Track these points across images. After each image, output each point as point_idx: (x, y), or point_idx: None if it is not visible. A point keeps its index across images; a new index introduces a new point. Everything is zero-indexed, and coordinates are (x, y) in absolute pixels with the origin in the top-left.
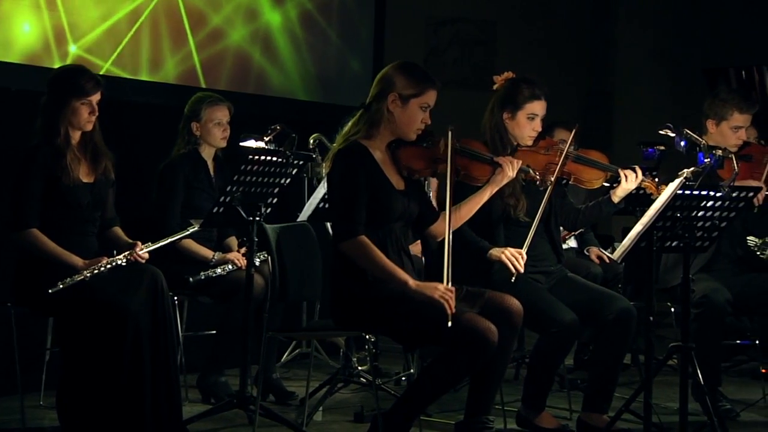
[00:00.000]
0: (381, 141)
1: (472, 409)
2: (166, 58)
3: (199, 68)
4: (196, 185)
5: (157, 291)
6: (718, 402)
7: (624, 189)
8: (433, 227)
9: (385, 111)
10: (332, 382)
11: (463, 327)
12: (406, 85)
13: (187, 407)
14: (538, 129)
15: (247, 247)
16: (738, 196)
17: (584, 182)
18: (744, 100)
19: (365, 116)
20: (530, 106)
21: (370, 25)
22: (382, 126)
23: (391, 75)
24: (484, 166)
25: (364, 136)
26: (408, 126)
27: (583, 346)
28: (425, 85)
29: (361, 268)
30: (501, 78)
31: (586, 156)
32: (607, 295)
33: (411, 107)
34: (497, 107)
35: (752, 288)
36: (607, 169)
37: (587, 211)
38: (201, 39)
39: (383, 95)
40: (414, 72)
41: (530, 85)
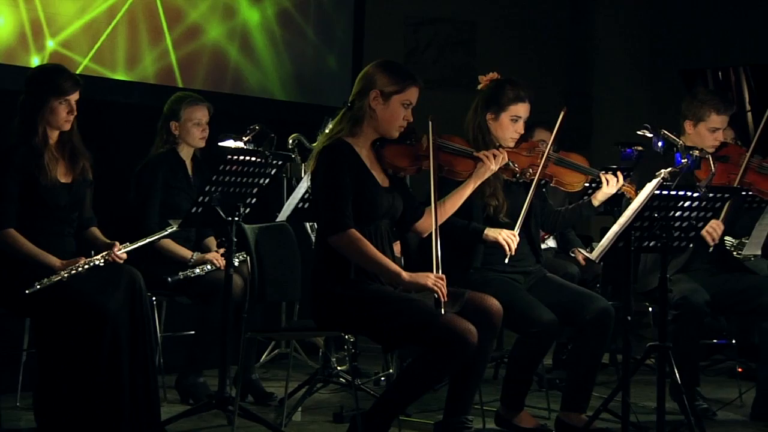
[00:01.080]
0: (365, 139)
1: (451, 408)
2: (144, 54)
3: (176, 66)
4: (174, 185)
5: (135, 291)
6: (695, 401)
7: (605, 193)
8: (419, 224)
9: (368, 108)
10: (311, 383)
11: (443, 327)
12: (387, 83)
13: (165, 408)
14: (520, 131)
15: (225, 247)
16: (715, 197)
17: (565, 185)
18: (722, 102)
19: (348, 114)
20: (514, 108)
21: (349, 25)
22: (365, 123)
23: (372, 73)
24: (467, 161)
25: (348, 134)
26: (390, 123)
27: (562, 346)
28: (406, 83)
29: (343, 267)
30: (486, 78)
31: (568, 159)
32: (585, 295)
33: (393, 104)
34: (481, 107)
35: (729, 288)
36: (588, 173)
37: (567, 214)
38: (178, 36)
39: (365, 93)
40: (395, 69)
41: (515, 87)
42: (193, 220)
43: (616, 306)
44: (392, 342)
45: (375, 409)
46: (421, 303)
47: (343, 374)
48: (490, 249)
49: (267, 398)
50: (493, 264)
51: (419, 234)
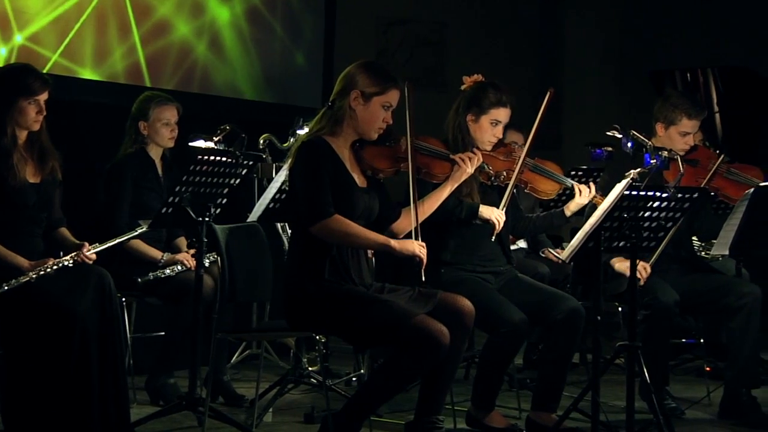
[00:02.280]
0: (344, 139)
1: (422, 409)
2: (112, 50)
3: (143, 63)
4: (144, 185)
5: (105, 292)
6: (664, 400)
7: (577, 204)
8: (395, 225)
9: (348, 108)
10: (282, 383)
11: (415, 329)
12: (368, 84)
13: (135, 409)
14: (498, 135)
15: (196, 247)
16: (683, 197)
17: (539, 192)
18: (693, 107)
19: (329, 113)
20: (495, 111)
21: (319, 25)
22: (345, 123)
23: (354, 73)
24: (444, 163)
25: (328, 133)
26: (369, 124)
27: (533, 346)
28: (388, 85)
29: (317, 266)
30: (470, 79)
31: (544, 167)
32: (556, 295)
33: (373, 105)
34: (462, 108)
35: (697, 288)
36: (562, 182)
37: (537, 221)
38: (146, 32)
39: (346, 92)
40: (377, 71)
41: (497, 91)
42: (164, 220)
43: (586, 306)
44: (364, 342)
45: (346, 410)
46: (394, 304)
47: (315, 375)
48: (460, 247)
49: (238, 399)
50: (464, 263)
51: (395, 235)
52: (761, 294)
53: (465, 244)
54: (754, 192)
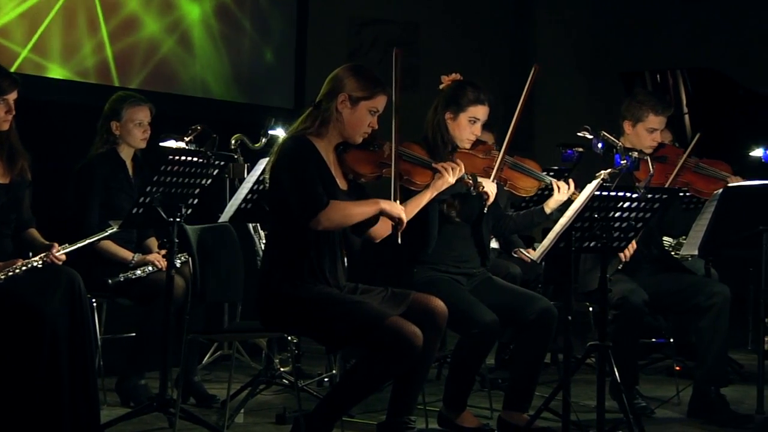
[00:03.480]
0: (328, 141)
1: (394, 409)
2: (81, 46)
3: (111, 59)
4: (114, 185)
5: (75, 293)
6: (634, 399)
7: (556, 200)
8: (373, 229)
9: (334, 111)
10: (254, 384)
11: (388, 330)
12: (356, 87)
13: (105, 411)
14: (477, 133)
15: (167, 248)
16: (653, 197)
17: (519, 189)
18: (659, 103)
19: (315, 113)
20: (473, 109)
21: (291, 25)
22: (331, 125)
23: (342, 76)
24: (425, 172)
25: (313, 133)
26: (355, 128)
27: (504, 346)
28: (376, 90)
29: (292, 267)
30: (448, 78)
31: (523, 164)
32: (527, 296)
33: (360, 110)
34: (441, 106)
35: (667, 288)
36: (541, 180)
37: (518, 219)
38: (114, 28)
39: (333, 95)
40: (366, 75)
41: (475, 89)
42: (134, 220)
43: (558, 306)
44: (337, 343)
45: (318, 411)
46: (367, 305)
47: (286, 375)
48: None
49: (209, 400)
50: (437, 263)
51: (373, 239)
52: (730, 294)
53: (439, 244)
54: (722, 192)
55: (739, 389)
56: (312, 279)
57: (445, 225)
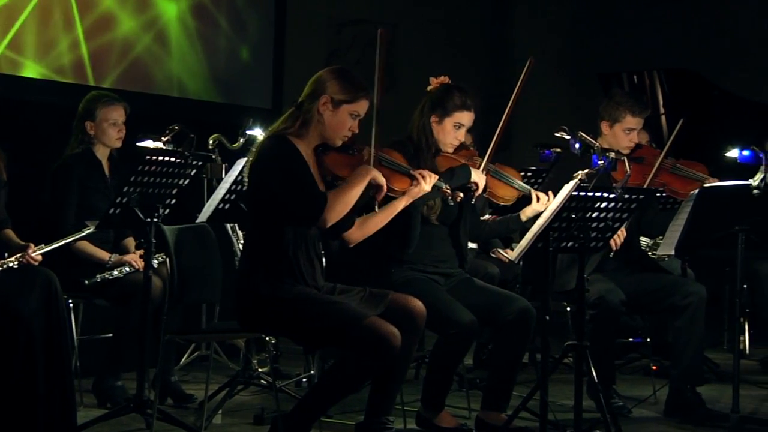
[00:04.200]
0: (308, 142)
1: (372, 409)
2: (56, 44)
3: (86, 57)
4: (90, 185)
5: (51, 294)
6: (611, 399)
7: (533, 210)
8: (348, 234)
9: (316, 113)
10: (232, 385)
11: (366, 331)
12: (338, 90)
13: (82, 412)
14: (461, 139)
15: (144, 248)
16: (630, 198)
17: (498, 198)
18: (636, 104)
19: (295, 114)
20: (459, 114)
21: (270, 25)
22: (311, 127)
23: (325, 78)
24: (404, 178)
25: (294, 133)
26: (335, 131)
27: (482, 346)
28: (358, 94)
29: (269, 267)
30: (436, 81)
31: (503, 172)
32: (505, 296)
33: (341, 113)
34: (427, 108)
35: (644, 287)
36: (521, 189)
37: (494, 225)
38: (89, 25)
39: (315, 96)
40: (348, 79)
41: (463, 95)
42: (111, 221)
43: (536, 306)
44: (315, 343)
45: (296, 411)
46: (345, 305)
47: (264, 376)
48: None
49: (187, 401)
50: (415, 263)
51: (347, 243)
52: (706, 293)
53: (417, 244)
54: (698, 193)
55: (715, 388)
56: (290, 279)
57: (423, 226)
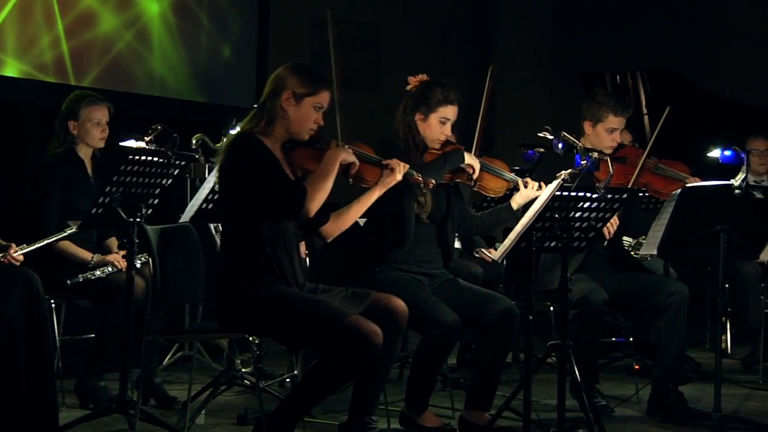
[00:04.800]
0: (276, 139)
1: (355, 409)
2: (38, 41)
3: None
4: (73, 185)
5: (33, 294)
6: (594, 398)
7: (523, 196)
8: (324, 228)
9: (280, 109)
10: (215, 385)
11: (348, 329)
12: (299, 84)
13: (64, 413)
14: (447, 134)
15: (127, 248)
16: (613, 198)
17: (488, 190)
18: (619, 104)
19: (259, 114)
20: (443, 109)
21: (253, 25)
22: (278, 124)
23: (284, 75)
24: (374, 168)
25: (260, 132)
26: (301, 125)
27: (466, 346)
28: (319, 86)
29: (249, 267)
30: (415, 79)
31: (492, 165)
32: (489, 296)
33: (304, 106)
34: (410, 107)
35: (626, 287)
36: (510, 180)
37: (485, 218)
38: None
39: (277, 93)
40: (307, 72)
41: (444, 89)
42: (94, 221)
43: (520, 306)
44: (297, 343)
45: (279, 411)
46: (327, 304)
47: (248, 376)
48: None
49: (170, 401)
50: (399, 263)
51: (323, 238)
52: (688, 293)
53: (414, 243)
54: (680, 193)
55: (697, 387)
56: (270, 278)
57: (418, 224)
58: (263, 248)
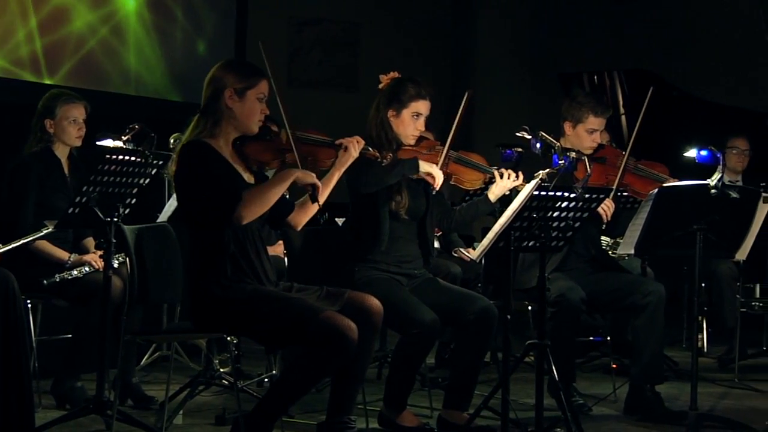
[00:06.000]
0: (225, 139)
1: (334, 409)
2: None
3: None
4: (49, 184)
5: (9, 294)
6: (571, 397)
7: (500, 187)
8: (290, 218)
9: (224, 108)
10: (193, 385)
11: (323, 325)
12: (238, 80)
13: (40, 414)
14: (421, 128)
15: (104, 248)
16: (590, 197)
17: (464, 182)
18: (599, 104)
19: (203, 118)
20: (415, 104)
21: (231, 26)
22: (224, 123)
23: (220, 74)
24: (329, 150)
25: (207, 135)
26: (249, 118)
27: (444, 345)
28: (256, 77)
29: (219, 266)
30: (387, 77)
31: (467, 158)
32: (467, 295)
33: (248, 100)
34: (383, 105)
35: (604, 286)
36: (486, 172)
37: (464, 211)
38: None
39: (218, 94)
40: (242, 66)
41: (416, 85)
42: (71, 220)
43: (498, 305)
44: (274, 342)
45: (257, 411)
46: (301, 301)
47: (226, 376)
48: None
49: (147, 402)
50: (378, 262)
51: (293, 228)
52: (665, 292)
53: (391, 240)
54: (657, 193)
55: (674, 386)
56: (242, 277)
57: (392, 223)
58: (228, 249)
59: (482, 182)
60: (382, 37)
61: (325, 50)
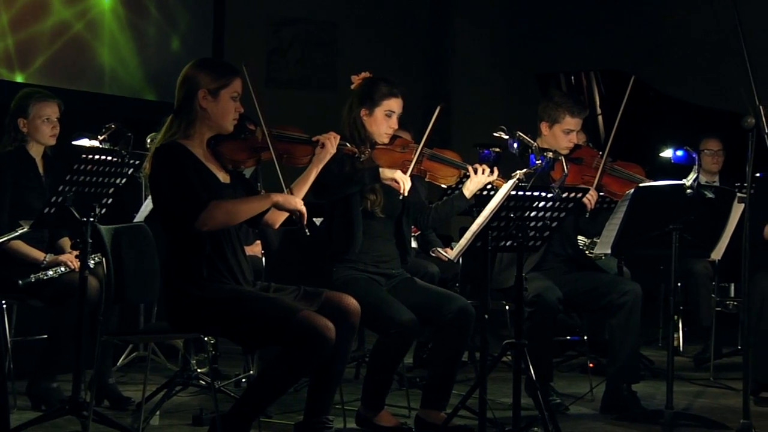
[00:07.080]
0: (199, 140)
1: (311, 409)
2: None
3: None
4: (24, 184)
5: None
6: (548, 396)
7: (476, 182)
8: (268, 216)
9: (198, 108)
10: (170, 386)
11: (300, 324)
12: (211, 80)
13: (15, 415)
14: (394, 126)
15: (80, 248)
16: (568, 197)
17: (439, 179)
18: (575, 105)
19: (177, 119)
20: (387, 102)
21: (209, 25)
22: (198, 124)
23: (193, 74)
24: (305, 147)
25: (181, 137)
26: (223, 117)
27: (422, 345)
28: (230, 75)
29: (195, 266)
30: (359, 77)
31: (441, 154)
32: (445, 295)
33: (222, 99)
34: (355, 104)
35: (580, 286)
36: (460, 167)
37: (440, 208)
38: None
39: (191, 95)
40: (215, 65)
41: (387, 83)
42: (46, 220)
43: (476, 305)
44: (251, 343)
45: (235, 411)
46: (278, 300)
47: (203, 376)
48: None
49: (124, 403)
50: (356, 262)
51: (270, 226)
52: (641, 292)
53: (369, 238)
54: (633, 192)
55: (650, 385)
56: (218, 277)
57: (368, 222)
58: (205, 249)
59: (457, 178)
60: (360, 37)
61: (302, 49)
